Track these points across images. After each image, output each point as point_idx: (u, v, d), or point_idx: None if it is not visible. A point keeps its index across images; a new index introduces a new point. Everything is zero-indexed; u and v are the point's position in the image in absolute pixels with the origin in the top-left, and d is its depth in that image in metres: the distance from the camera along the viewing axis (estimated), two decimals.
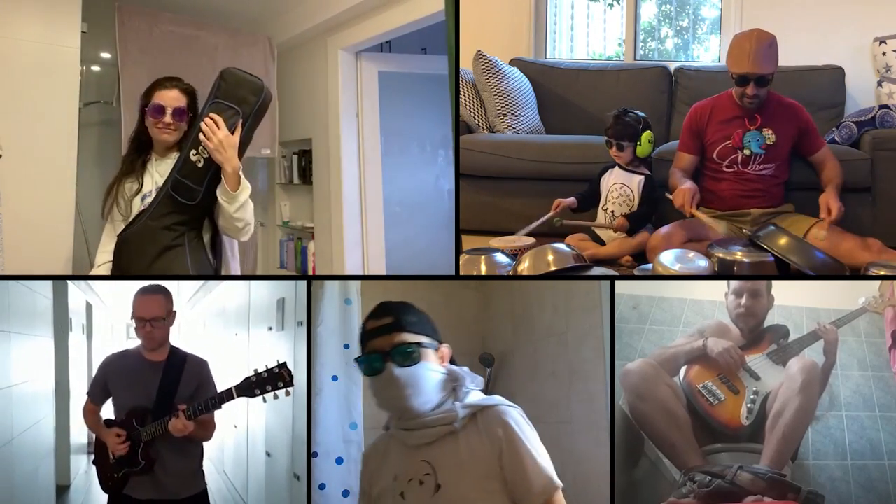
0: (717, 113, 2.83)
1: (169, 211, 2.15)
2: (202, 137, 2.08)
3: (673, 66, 3.85)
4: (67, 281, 3.28)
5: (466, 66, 3.54)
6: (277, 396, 1.94)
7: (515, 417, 1.36)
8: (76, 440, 3.89)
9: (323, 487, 2.16)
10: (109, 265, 2.23)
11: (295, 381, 1.95)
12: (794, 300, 2.19)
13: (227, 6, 3.70)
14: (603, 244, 2.90)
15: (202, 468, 2.19)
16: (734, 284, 2.12)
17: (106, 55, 3.53)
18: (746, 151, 2.77)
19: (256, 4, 3.77)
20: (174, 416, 1.99)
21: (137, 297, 2.12)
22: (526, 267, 2.40)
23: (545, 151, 3.28)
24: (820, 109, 3.32)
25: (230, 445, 3.33)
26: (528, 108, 3.62)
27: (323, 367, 2.22)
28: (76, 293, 3.87)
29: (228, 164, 2.07)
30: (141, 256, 2.15)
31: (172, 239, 2.15)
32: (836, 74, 3.57)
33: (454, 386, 1.43)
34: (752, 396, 1.96)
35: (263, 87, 2.18)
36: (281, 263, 4.36)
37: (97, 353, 4.15)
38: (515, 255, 2.58)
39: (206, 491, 2.19)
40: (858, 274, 2.34)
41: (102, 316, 4.54)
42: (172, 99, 2.18)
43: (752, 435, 1.92)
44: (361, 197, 3.84)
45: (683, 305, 2.25)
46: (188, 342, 2.50)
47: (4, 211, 2.64)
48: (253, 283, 3.11)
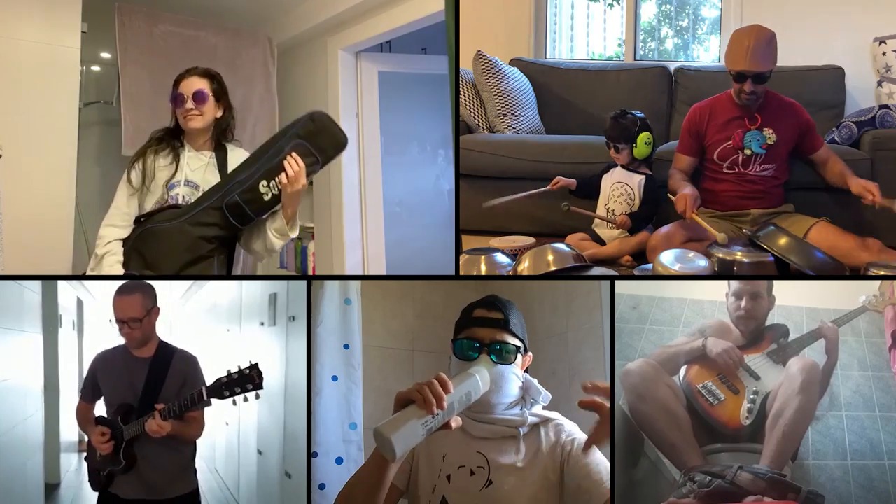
0: (716, 114, 2.82)
1: (213, 223, 2.17)
2: (283, 177, 2.09)
3: (673, 66, 3.85)
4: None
5: (466, 66, 3.54)
6: (247, 399, 1.89)
7: (581, 437, 1.44)
8: (66, 438, 3.85)
9: (323, 487, 2.16)
10: (119, 244, 2.22)
11: (282, 378, 1.93)
12: (794, 300, 2.18)
13: (227, 6, 3.70)
14: (603, 244, 2.90)
15: (193, 467, 2.13)
16: (734, 286, 2.11)
17: (106, 55, 3.53)
18: (747, 151, 2.76)
19: (256, 4, 3.77)
20: (151, 416, 1.94)
21: (115, 297, 2.07)
22: (526, 267, 2.40)
23: (545, 151, 3.28)
24: (820, 109, 3.32)
25: (221, 443, 3.31)
26: (527, 108, 3.62)
27: (323, 367, 2.21)
28: (66, 289, 3.84)
29: (293, 207, 2.13)
30: (173, 257, 2.16)
31: (208, 251, 2.18)
32: (836, 74, 3.56)
33: (524, 395, 1.49)
34: (752, 396, 1.96)
35: (345, 144, 2.20)
36: (281, 263, 4.35)
37: (88, 349, 4.12)
38: (515, 255, 2.58)
39: (197, 491, 2.13)
40: (858, 274, 2.34)
41: (94, 312, 4.51)
42: (191, 85, 2.22)
43: (752, 435, 1.92)
44: (361, 197, 3.84)
45: (683, 305, 2.24)
46: (180, 338, 2.48)
47: (4, 211, 2.64)
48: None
